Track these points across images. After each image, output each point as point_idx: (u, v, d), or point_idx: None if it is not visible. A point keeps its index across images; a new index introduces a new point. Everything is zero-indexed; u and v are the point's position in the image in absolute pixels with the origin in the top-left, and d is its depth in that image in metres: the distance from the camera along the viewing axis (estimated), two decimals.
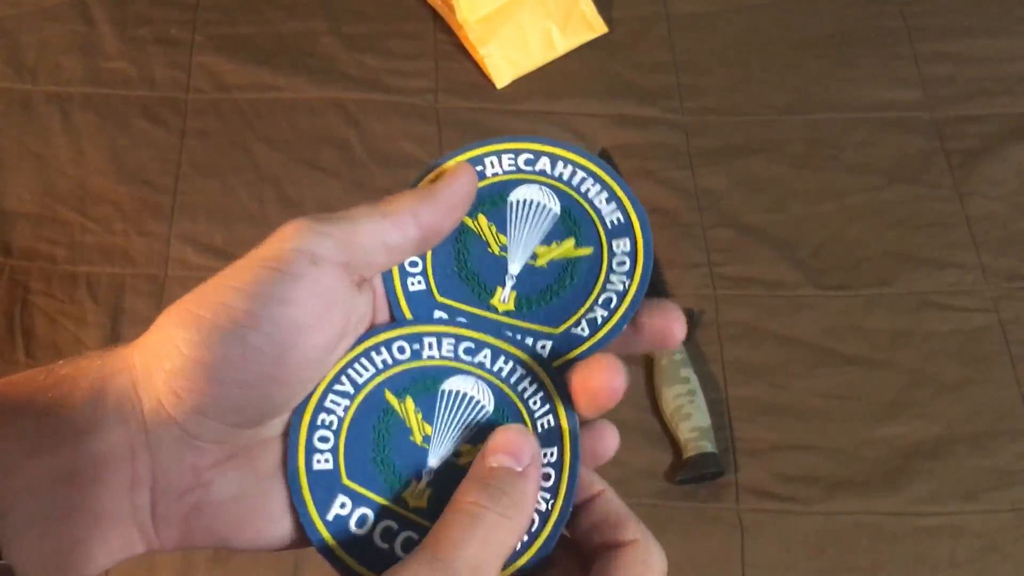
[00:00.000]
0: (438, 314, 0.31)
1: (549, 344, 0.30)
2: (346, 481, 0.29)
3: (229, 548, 0.28)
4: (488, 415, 0.30)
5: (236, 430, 0.27)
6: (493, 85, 0.96)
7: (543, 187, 0.32)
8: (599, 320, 0.30)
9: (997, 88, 0.95)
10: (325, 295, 0.27)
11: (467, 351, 0.30)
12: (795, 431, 0.78)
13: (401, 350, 0.30)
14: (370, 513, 0.28)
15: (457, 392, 0.30)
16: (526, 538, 0.28)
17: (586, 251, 0.31)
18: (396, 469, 0.29)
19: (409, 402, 0.30)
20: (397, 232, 0.29)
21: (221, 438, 0.27)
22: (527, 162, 0.32)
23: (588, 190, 0.32)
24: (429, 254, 0.31)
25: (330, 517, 0.28)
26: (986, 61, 0.97)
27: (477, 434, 0.29)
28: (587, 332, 0.30)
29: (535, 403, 0.30)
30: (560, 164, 0.32)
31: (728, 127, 0.93)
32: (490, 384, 0.30)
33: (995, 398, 0.80)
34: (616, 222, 0.31)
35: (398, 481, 0.29)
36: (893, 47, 0.98)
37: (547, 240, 0.31)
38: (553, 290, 0.31)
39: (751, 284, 0.85)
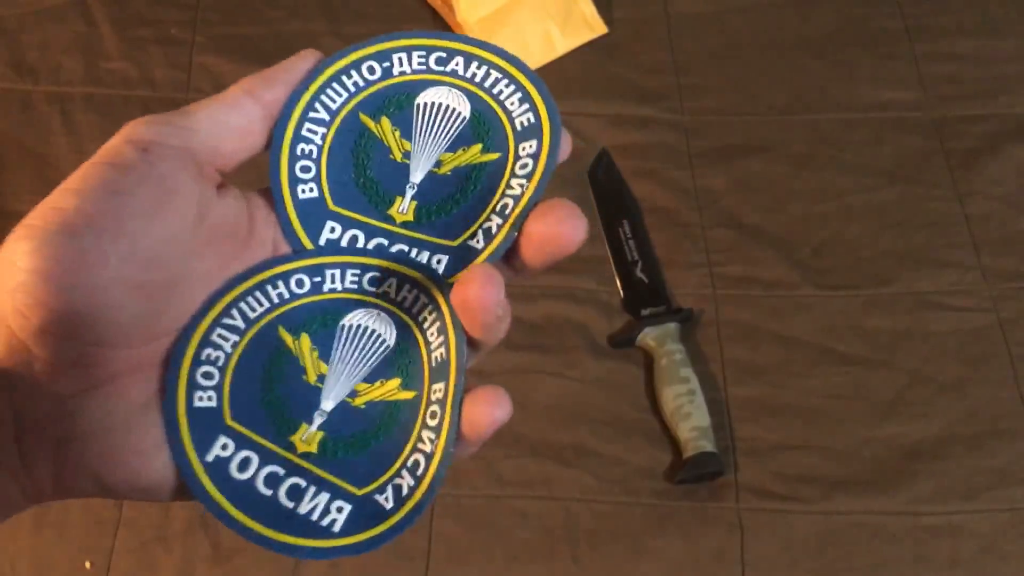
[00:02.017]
0: (330, 224, 0.28)
1: (445, 259, 0.28)
2: (229, 421, 0.26)
3: (108, 492, 0.25)
4: (388, 349, 0.28)
5: (99, 350, 0.24)
6: None
7: (453, 89, 0.29)
8: (493, 230, 0.27)
9: (997, 88, 0.95)
10: (161, 181, 0.25)
11: (372, 281, 0.28)
12: (795, 431, 0.78)
13: (300, 283, 0.28)
14: (254, 457, 0.26)
15: (358, 326, 0.28)
16: (412, 482, 0.26)
17: (492, 156, 0.28)
18: (286, 411, 0.27)
19: (305, 339, 0.27)
20: (236, 113, 0.27)
21: (81, 360, 0.24)
22: (438, 61, 0.29)
23: (501, 91, 0.29)
24: (324, 160, 0.29)
25: (209, 459, 0.26)
26: (986, 61, 0.97)
27: (375, 371, 0.27)
28: (481, 244, 0.27)
29: (432, 334, 0.27)
30: (474, 64, 0.29)
31: (728, 127, 0.94)
32: (392, 315, 0.28)
33: (995, 398, 0.80)
34: (526, 123, 0.28)
35: (287, 424, 0.27)
36: (892, 47, 0.98)
37: (454, 147, 0.29)
38: (454, 199, 0.28)
39: (751, 284, 0.85)
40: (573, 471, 0.76)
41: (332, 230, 0.28)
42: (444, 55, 0.29)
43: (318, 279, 0.28)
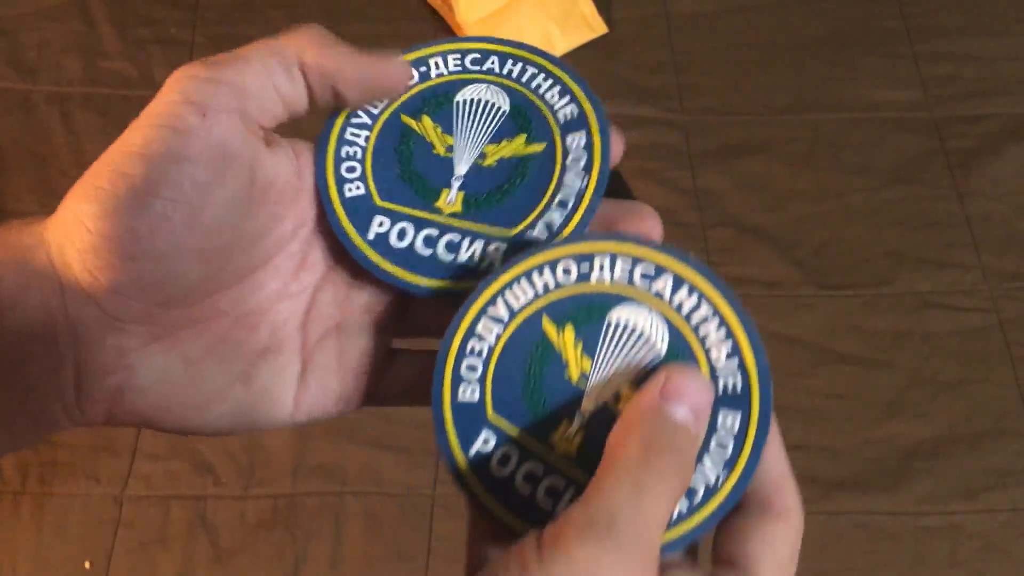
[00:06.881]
0: (379, 219, 0.28)
1: (504, 247, 0.28)
2: (491, 416, 0.26)
3: (158, 430, 0.27)
4: (659, 358, 0.26)
5: (162, 310, 0.25)
6: None
7: (492, 86, 0.30)
8: (557, 222, 0.28)
9: (997, 88, 0.95)
10: (220, 147, 0.25)
11: (644, 276, 0.27)
12: (795, 431, 0.78)
13: (567, 271, 0.26)
14: (515, 453, 0.26)
15: (626, 324, 0.26)
16: (686, 508, 0.25)
17: (538, 147, 0.29)
18: (547, 407, 0.26)
19: (569, 332, 0.26)
20: (284, 75, 0.28)
21: (145, 319, 0.25)
22: (474, 62, 0.30)
23: (540, 86, 0.30)
24: (369, 159, 0.29)
25: (472, 452, 0.26)
26: (986, 61, 0.97)
27: (643, 377, 0.25)
28: (545, 235, 0.28)
29: (718, 349, 0.26)
30: (510, 62, 0.30)
31: (727, 127, 0.93)
32: (665, 319, 0.26)
33: (995, 398, 0.79)
34: (570, 115, 0.30)
35: (548, 421, 0.26)
36: (893, 47, 0.98)
37: (496, 139, 0.29)
38: (503, 190, 0.29)
39: (751, 284, 0.85)
40: None
41: (380, 224, 0.28)
42: (479, 56, 0.30)
43: (585, 267, 0.27)
